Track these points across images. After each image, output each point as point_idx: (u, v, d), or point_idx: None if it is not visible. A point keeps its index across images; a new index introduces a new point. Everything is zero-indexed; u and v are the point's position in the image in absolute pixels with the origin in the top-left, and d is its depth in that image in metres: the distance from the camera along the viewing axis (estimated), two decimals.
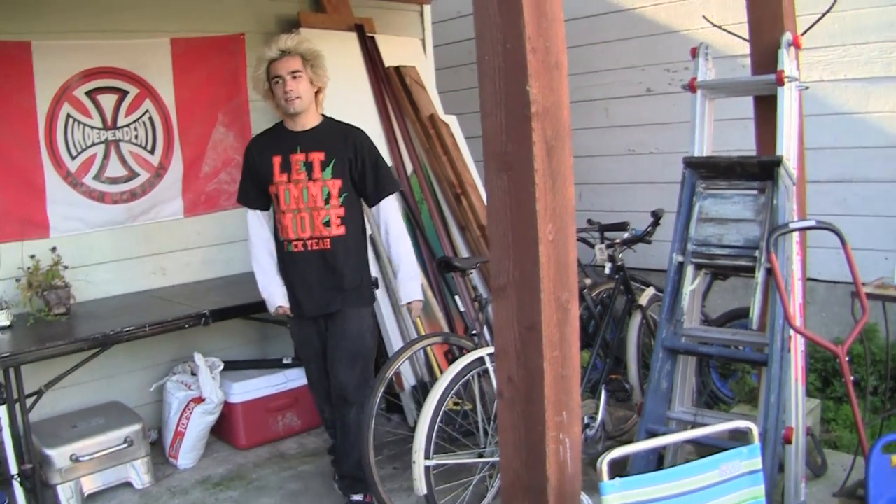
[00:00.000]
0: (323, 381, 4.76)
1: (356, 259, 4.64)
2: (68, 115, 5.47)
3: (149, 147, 5.88)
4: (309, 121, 4.56)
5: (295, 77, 4.41)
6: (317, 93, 4.58)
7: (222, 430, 5.71)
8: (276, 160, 4.49)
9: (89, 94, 5.57)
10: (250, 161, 4.65)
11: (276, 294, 4.65)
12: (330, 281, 4.56)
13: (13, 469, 4.40)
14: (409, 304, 4.77)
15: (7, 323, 4.83)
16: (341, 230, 4.52)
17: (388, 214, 4.67)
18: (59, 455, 4.75)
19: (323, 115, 4.67)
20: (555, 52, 2.64)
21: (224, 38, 6.14)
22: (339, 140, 4.55)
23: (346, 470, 4.78)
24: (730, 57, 6.24)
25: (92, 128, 5.60)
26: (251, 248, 4.74)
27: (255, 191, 4.65)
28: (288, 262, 4.62)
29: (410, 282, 4.74)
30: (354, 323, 4.62)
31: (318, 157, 4.47)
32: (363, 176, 4.55)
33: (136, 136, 5.81)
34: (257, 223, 4.71)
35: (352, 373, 4.61)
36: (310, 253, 4.53)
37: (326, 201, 4.47)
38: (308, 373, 4.91)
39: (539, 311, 2.66)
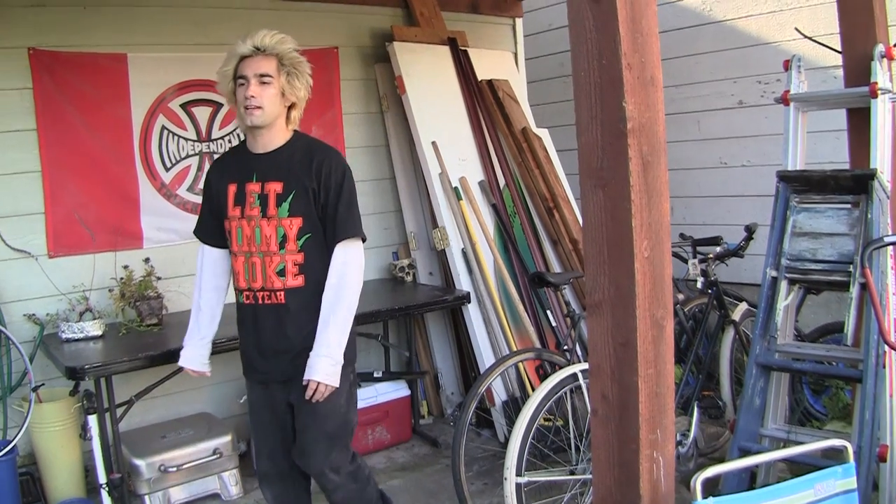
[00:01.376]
0: (274, 459, 3.87)
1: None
2: (163, 127, 5.53)
3: None
4: (273, 140, 3.64)
5: (263, 82, 3.51)
6: (289, 108, 3.66)
7: None
8: (232, 189, 3.65)
9: (184, 106, 5.63)
10: (207, 186, 3.84)
11: (187, 352, 3.91)
12: (282, 344, 3.65)
13: (101, 478, 4.42)
14: (307, 382, 3.54)
15: (99, 332, 4.88)
16: (298, 281, 3.59)
17: (338, 266, 3.59)
18: (147, 465, 4.78)
19: (295, 132, 3.74)
20: (650, 68, 2.62)
21: (317, 51, 6.12)
22: (301, 166, 3.59)
23: None
24: (822, 68, 6.14)
25: (186, 140, 5.65)
26: (193, 291, 3.93)
27: (213, 223, 3.79)
28: (239, 317, 3.78)
29: (321, 358, 3.53)
30: (322, 400, 3.60)
31: (274, 188, 3.57)
32: (324, 210, 3.59)
33: None
34: (208, 262, 3.86)
35: (328, 458, 3.70)
36: (261, 308, 3.64)
37: (281, 245, 3.56)
38: (255, 438, 4.08)
39: (634, 327, 2.63)
